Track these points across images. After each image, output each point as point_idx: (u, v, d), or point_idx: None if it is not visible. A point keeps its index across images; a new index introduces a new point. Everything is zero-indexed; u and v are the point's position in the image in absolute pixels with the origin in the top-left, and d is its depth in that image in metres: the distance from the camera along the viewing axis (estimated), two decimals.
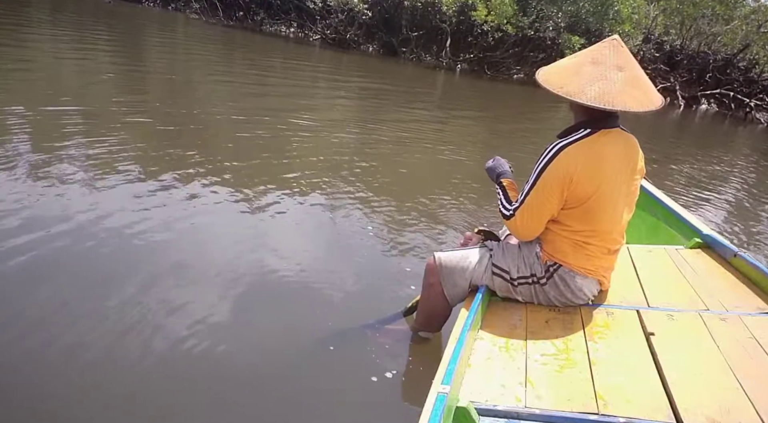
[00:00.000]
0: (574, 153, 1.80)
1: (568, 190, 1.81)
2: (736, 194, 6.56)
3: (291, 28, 18.68)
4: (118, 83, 7.27)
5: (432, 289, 2.14)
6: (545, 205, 1.86)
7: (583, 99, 1.73)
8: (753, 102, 18.33)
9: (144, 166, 4.02)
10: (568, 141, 1.83)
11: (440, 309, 2.19)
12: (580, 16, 16.50)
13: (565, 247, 1.92)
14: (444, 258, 2.11)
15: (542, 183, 1.83)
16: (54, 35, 10.31)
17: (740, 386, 1.49)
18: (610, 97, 1.72)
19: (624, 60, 1.79)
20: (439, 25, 16.84)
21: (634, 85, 1.78)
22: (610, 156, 1.83)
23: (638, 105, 1.75)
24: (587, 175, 1.80)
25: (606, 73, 1.76)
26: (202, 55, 11.63)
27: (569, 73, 1.81)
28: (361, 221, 3.72)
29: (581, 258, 1.91)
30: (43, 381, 1.91)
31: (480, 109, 10.92)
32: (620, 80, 1.75)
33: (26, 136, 4.31)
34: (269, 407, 1.98)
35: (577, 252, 1.91)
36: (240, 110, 6.67)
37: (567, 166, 1.79)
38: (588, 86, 1.74)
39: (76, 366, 2.00)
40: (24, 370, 1.95)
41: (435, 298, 2.16)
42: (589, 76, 1.76)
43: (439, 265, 2.11)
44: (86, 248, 2.78)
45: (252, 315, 2.48)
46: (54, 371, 1.96)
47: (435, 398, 1.33)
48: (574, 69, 1.81)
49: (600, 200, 1.83)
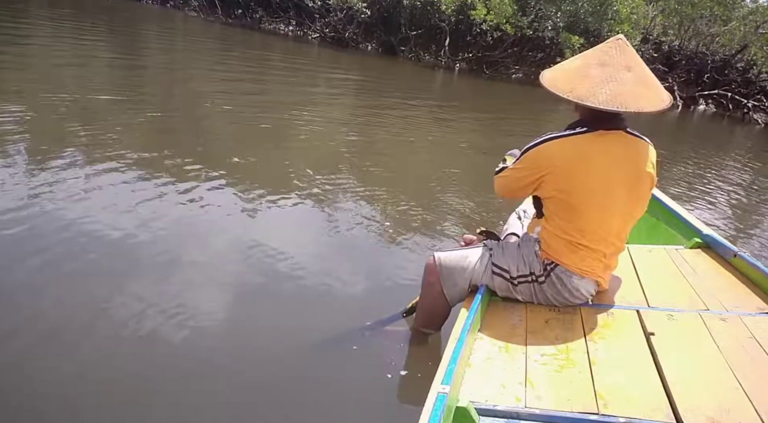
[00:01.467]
0: (556, 148, 1.82)
1: (543, 180, 1.86)
2: (735, 194, 6.57)
3: (290, 27, 18.67)
4: (115, 80, 7.26)
5: (431, 288, 2.14)
6: (519, 181, 1.95)
7: (595, 102, 1.71)
8: (751, 102, 18.38)
9: (140, 163, 4.02)
10: (557, 135, 1.84)
11: (440, 309, 2.18)
12: (579, 15, 16.52)
13: (561, 247, 1.92)
14: (444, 258, 2.11)
15: (521, 163, 1.91)
16: (53, 33, 10.28)
17: (740, 386, 1.48)
18: (622, 99, 1.70)
19: (631, 60, 1.77)
20: (438, 24, 16.84)
21: (645, 85, 1.76)
22: (600, 157, 1.80)
23: (651, 105, 1.73)
24: (565, 171, 1.80)
25: (615, 75, 1.74)
26: (201, 52, 11.61)
27: (577, 76, 1.78)
28: (360, 220, 3.71)
29: (576, 258, 1.91)
30: (40, 381, 1.91)
31: (479, 109, 10.92)
32: (630, 81, 1.74)
33: (24, 133, 4.30)
34: (270, 407, 1.98)
35: (572, 252, 1.90)
36: (238, 107, 6.67)
37: (543, 157, 1.84)
38: (598, 89, 1.72)
39: (75, 367, 1.99)
40: (23, 370, 1.95)
41: (434, 297, 2.15)
42: (599, 78, 1.74)
43: (438, 265, 2.10)
44: (82, 247, 2.77)
45: (250, 316, 2.48)
46: (52, 373, 1.95)
47: (435, 398, 1.33)
48: (582, 71, 1.79)
49: (583, 198, 1.82)
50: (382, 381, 2.14)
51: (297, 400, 2.02)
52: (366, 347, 2.33)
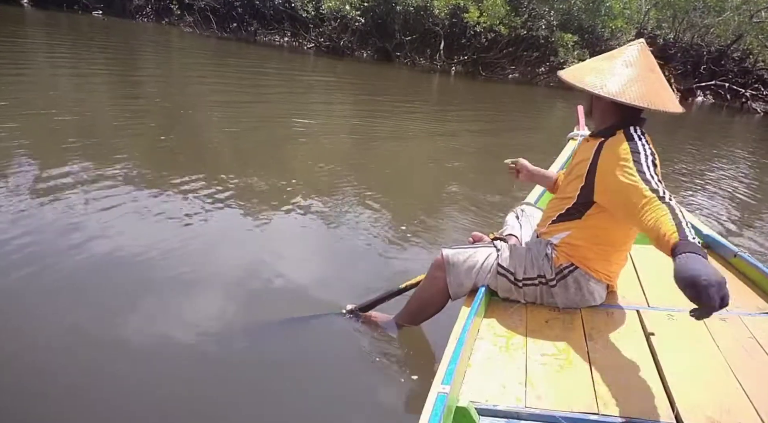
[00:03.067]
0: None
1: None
2: (736, 191, 6.51)
3: (285, 38, 18.72)
4: (114, 97, 7.32)
5: (435, 281, 2.15)
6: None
7: (626, 99, 1.74)
8: (749, 92, 18.31)
9: (135, 177, 4.06)
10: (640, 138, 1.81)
11: (435, 304, 2.20)
12: (572, 13, 16.53)
13: (589, 252, 1.92)
14: (451, 255, 2.11)
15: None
16: (49, 52, 10.36)
17: (740, 386, 1.49)
18: (650, 97, 1.75)
19: (653, 63, 1.83)
20: (432, 28, 16.87)
21: (664, 87, 1.81)
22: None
23: (674, 106, 1.78)
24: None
25: (642, 74, 1.78)
26: (198, 67, 11.67)
27: (606, 74, 1.80)
28: (356, 224, 3.74)
29: (604, 264, 1.93)
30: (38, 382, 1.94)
31: (476, 111, 10.93)
32: (655, 82, 1.79)
33: (24, 150, 4.35)
34: (269, 408, 1.99)
35: (602, 258, 1.92)
36: (236, 119, 6.71)
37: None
38: (628, 87, 1.76)
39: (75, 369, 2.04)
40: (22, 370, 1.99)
41: (435, 292, 2.17)
42: (628, 76, 1.78)
43: (446, 261, 2.11)
44: (81, 258, 2.83)
45: (247, 317, 2.50)
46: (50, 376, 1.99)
47: (435, 398, 1.33)
48: (609, 70, 1.81)
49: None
50: (382, 381, 2.15)
51: (296, 400, 2.03)
52: (366, 348, 2.33)
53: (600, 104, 1.89)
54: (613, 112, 1.86)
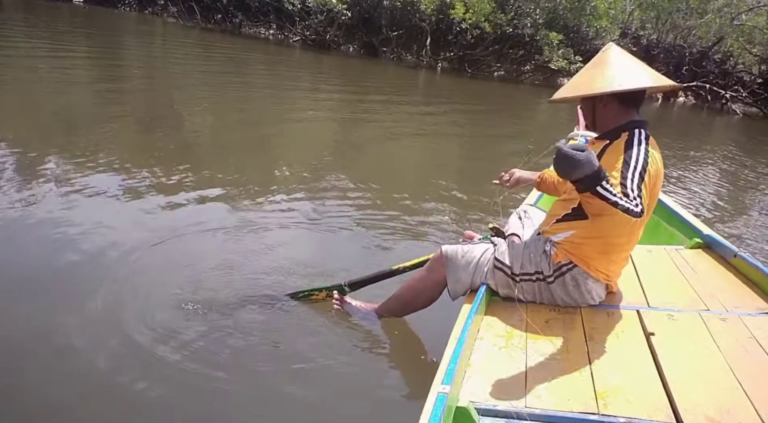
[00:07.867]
0: (658, 157, 1.82)
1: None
2: (726, 191, 6.57)
3: (270, 30, 18.59)
4: (95, 89, 7.16)
5: (432, 274, 2.16)
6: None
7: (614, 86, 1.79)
8: (729, 93, 18.65)
9: (119, 171, 3.98)
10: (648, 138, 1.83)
11: (426, 297, 2.21)
12: (558, 12, 16.67)
13: (591, 251, 1.92)
14: (450, 251, 2.12)
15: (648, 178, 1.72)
16: (29, 41, 10.12)
17: (740, 386, 1.49)
18: (621, 79, 1.79)
19: (618, 51, 1.89)
20: (418, 24, 16.87)
21: (641, 66, 1.87)
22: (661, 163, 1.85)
23: (661, 79, 1.85)
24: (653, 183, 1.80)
25: (608, 62, 1.85)
26: (182, 58, 11.50)
27: (587, 80, 1.88)
28: (338, 217, 3.71)
29: (605, 262, 1.92)
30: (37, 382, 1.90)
31: (462, 108, 10.95)
32: (622, 63, 1.85)
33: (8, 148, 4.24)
34: (270, 408, 1.97)
35: (603, 257, 1.92)
36: (221, 113, 6.63)
37: (659, 170, 1.82)
38: (614, 79, 1.80)
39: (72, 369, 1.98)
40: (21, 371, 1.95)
41: (431, 283, 2.18)
42: (600, 72, 1.85)
43: (445, 257, 2.12)
44: (68, 259, 2.74)
45: (243, 317, 2.45)
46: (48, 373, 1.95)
47: (435, 398, 1.32)
48: (588, 75, 1.89)
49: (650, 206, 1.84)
50: (382, 381, 2.14)
51: (295, 399, 2.00)
52: (366, 348, 2.31)
53: (598, 109, 1.92)
54: (617, 113, 1.87)
